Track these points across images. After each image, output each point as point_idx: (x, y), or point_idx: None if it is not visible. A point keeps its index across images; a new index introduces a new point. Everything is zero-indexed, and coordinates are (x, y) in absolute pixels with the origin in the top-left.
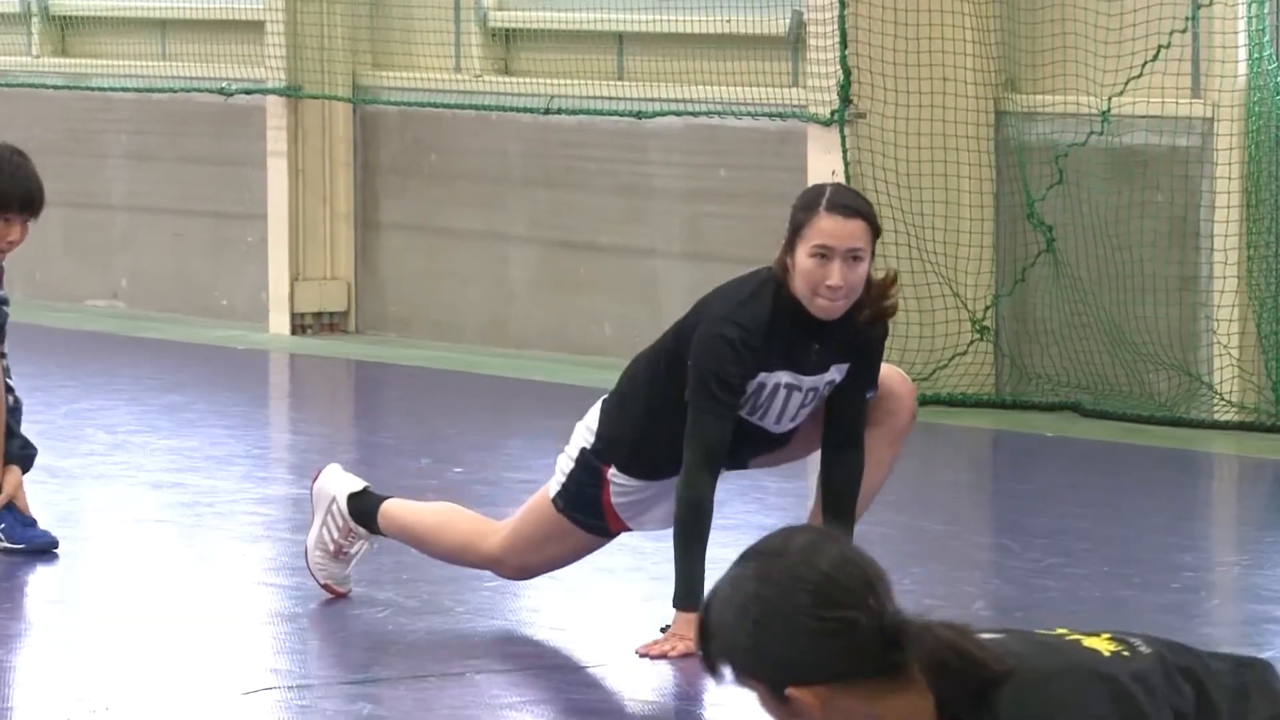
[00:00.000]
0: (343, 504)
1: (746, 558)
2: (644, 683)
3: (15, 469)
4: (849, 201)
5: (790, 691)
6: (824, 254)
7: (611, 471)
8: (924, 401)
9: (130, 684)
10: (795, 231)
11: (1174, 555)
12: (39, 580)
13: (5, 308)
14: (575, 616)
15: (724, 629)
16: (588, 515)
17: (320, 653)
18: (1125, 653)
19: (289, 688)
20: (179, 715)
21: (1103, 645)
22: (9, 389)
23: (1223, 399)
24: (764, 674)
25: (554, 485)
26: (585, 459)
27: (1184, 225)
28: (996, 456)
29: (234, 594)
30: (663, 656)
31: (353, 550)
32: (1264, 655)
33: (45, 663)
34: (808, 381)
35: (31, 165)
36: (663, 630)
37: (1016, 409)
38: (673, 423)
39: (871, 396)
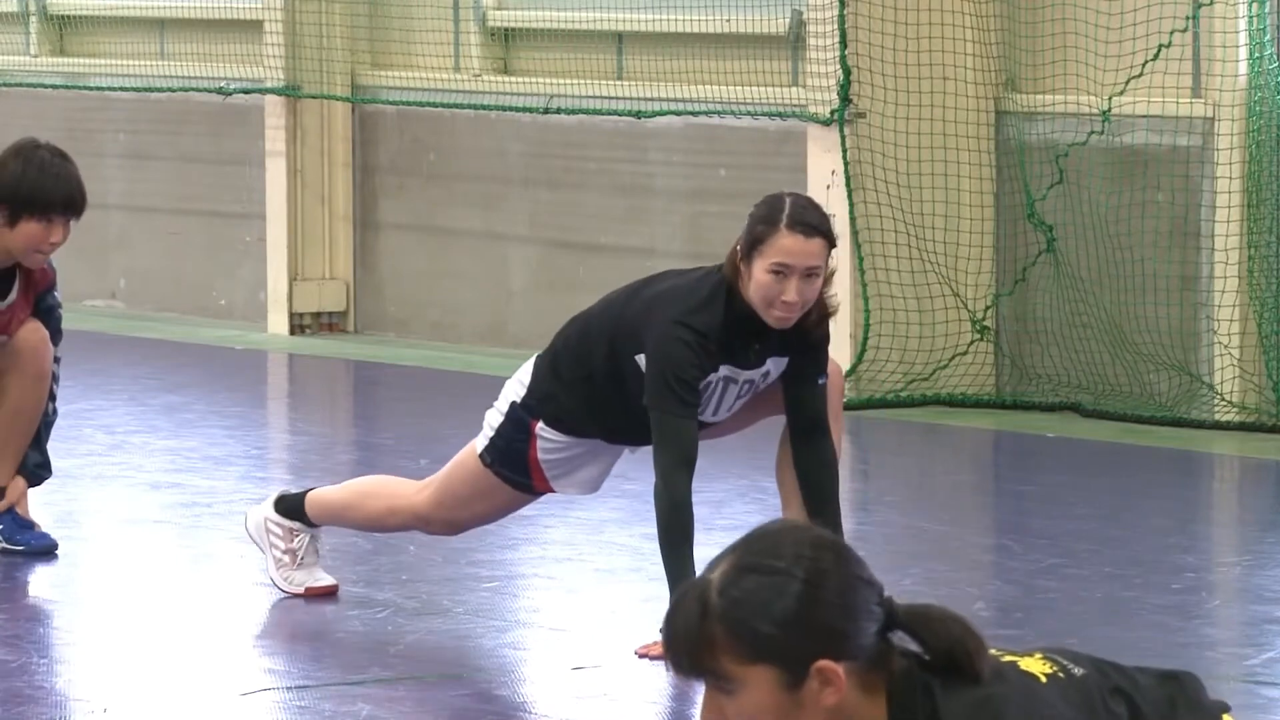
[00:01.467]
0: (272, 514)
1: (735, 549)
2: (644, 683)
3: (21, 480)
4: (810, 220)
5: (823, 664)
6: (782, 271)
7: (539, 426)
8: (924, 401)
9: (129, 684)
10: (754, 244)
11: (1175, 556)
12: (38, 581)
13: (59, 310)
14: (575, 616)
15: (748, 604)
16: (514, 471)
17: (319, 653)
18: (1060, 675)
19: (287, 688)
20: (178, 716)
21: (1038, 667)
22: (53, 396)
23: (1223, 399)
24: (794, 650)
25: (481, 440)
26: (514, 413)
27: (1185, 225)
28: (997, 457)
29: (233, 595)
30: (662, 657)
31: (297, 546)
32: (1265, 655)
33: (44, 663)
34: (744, 375)
35: (73, 166)
36: (662, 631)
37: (1017, 409)
38: (603, 390)
39: (823, 383)
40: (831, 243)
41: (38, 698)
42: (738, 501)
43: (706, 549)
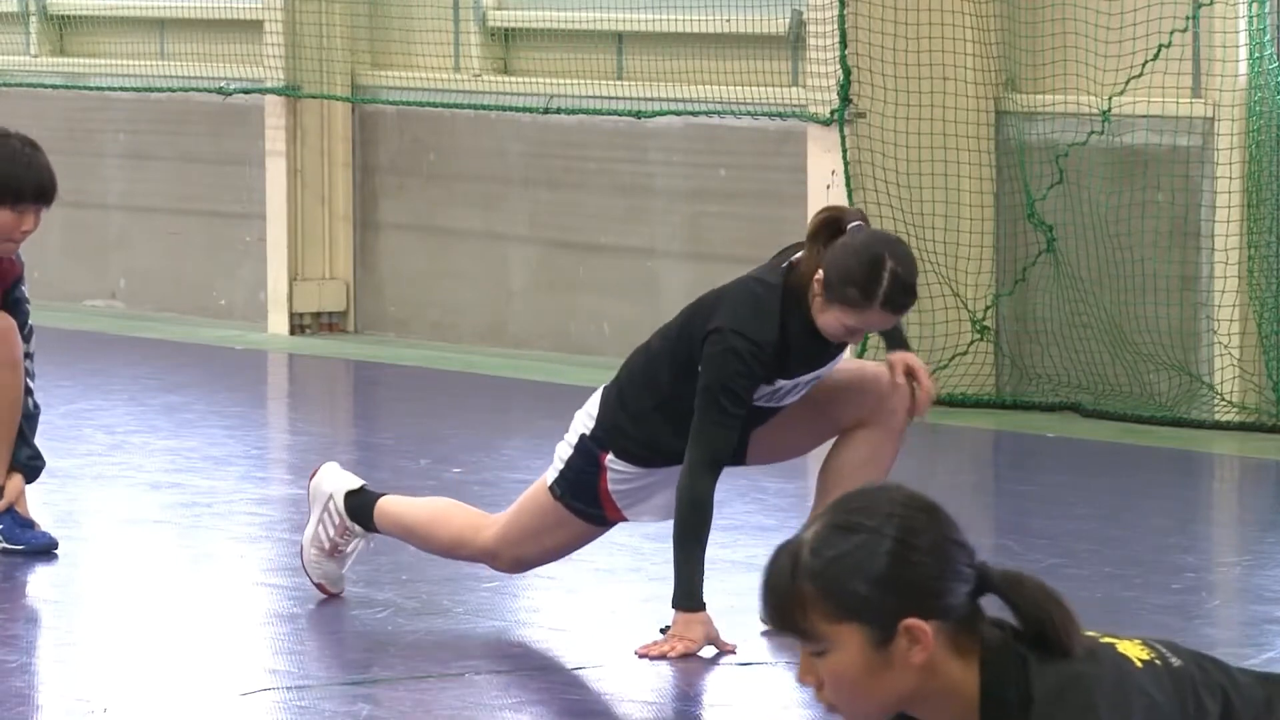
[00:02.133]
0: (339, 502)
1: (833, 508)
2: (644, 683)
3: (18, 476)
4: (903, 301)
5: (912, 623)
6: (858, 331)
7: (609, 458)
8: None
9: (129, 684)
10: (842, 293)
11: (1175, 556)
12: (38, 580)
13: (27, 304)
14: (575, 617)
15: (843, 563)
16: (585, 503)
17: (319, 653)
18: (1157, 662)
19: (288, 688)
20: (178, 716)
21: (1135, 652)
22: (29, 390)
23: (1224, 399)
24: (887, 607)
25: (551, 473)
26: (584, 445)
27: (1185, 225)
28: (997, 457)
29: (233, 594)
30: (662, 657)
31: (348, 549)
32: (1265, 655)
33: (45, 663)
34: (824, 371)
35: (44, 155)
36: (662, 631)
37: (1017, 409)
38: (672, 418)
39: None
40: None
41: (38, 698)
42: (738, 501)
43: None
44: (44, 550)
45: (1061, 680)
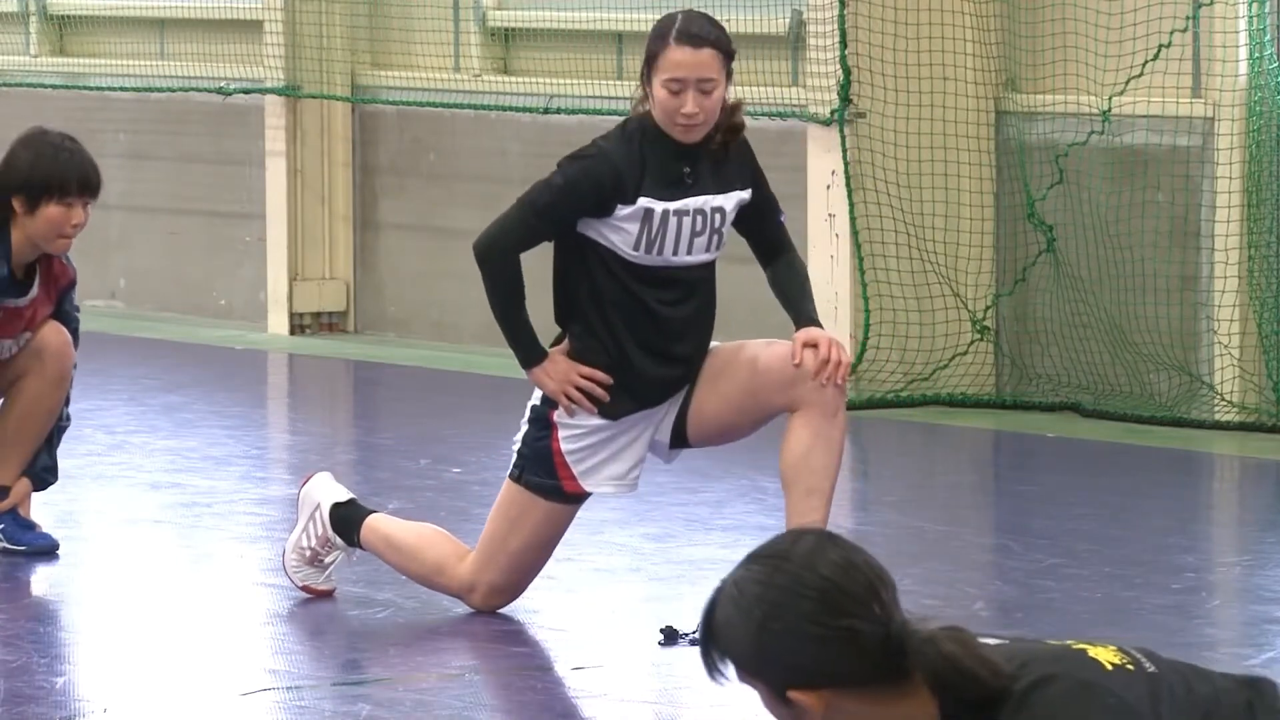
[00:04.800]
0: (325, 513)
1: (752, 559)
2: (644, 683)
3: (27, 481)
4: (698, 31)
5: (793, 695)
6: (678, 86)
7: (557, 414)
8: (924, 401)
9: (129, 684)
10: (649, 63)
11: (1175, 556)
12: (38, 581)
13: (77, 315)
14: (575, 616)
15: (729, 629)
16: (541, 474)
17: (319, 653)
18: (1130, 666)
19: (287, 688)
20: (178, 716)
21: (1106, 656)
22: (67, 400)
23: (1224, 399)
24: (767, 676)
25: (512, 461)
26: (534, 413)
27: (1185, 225)
28: (997, 457)
29: (232, 595)
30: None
31: (328, 559)
32: (1265, 655)
33: (45, 663)
34: (693, 204)
35: (84, 148)
36: (663, 631)
37: (1017, 409)
38: (596, 299)
39: (780, 220)
40: (724, 52)
41: (38, 698)
42: (738, 501)
43: (706, 549)
44: (45, 551)
45: (1024, 687)
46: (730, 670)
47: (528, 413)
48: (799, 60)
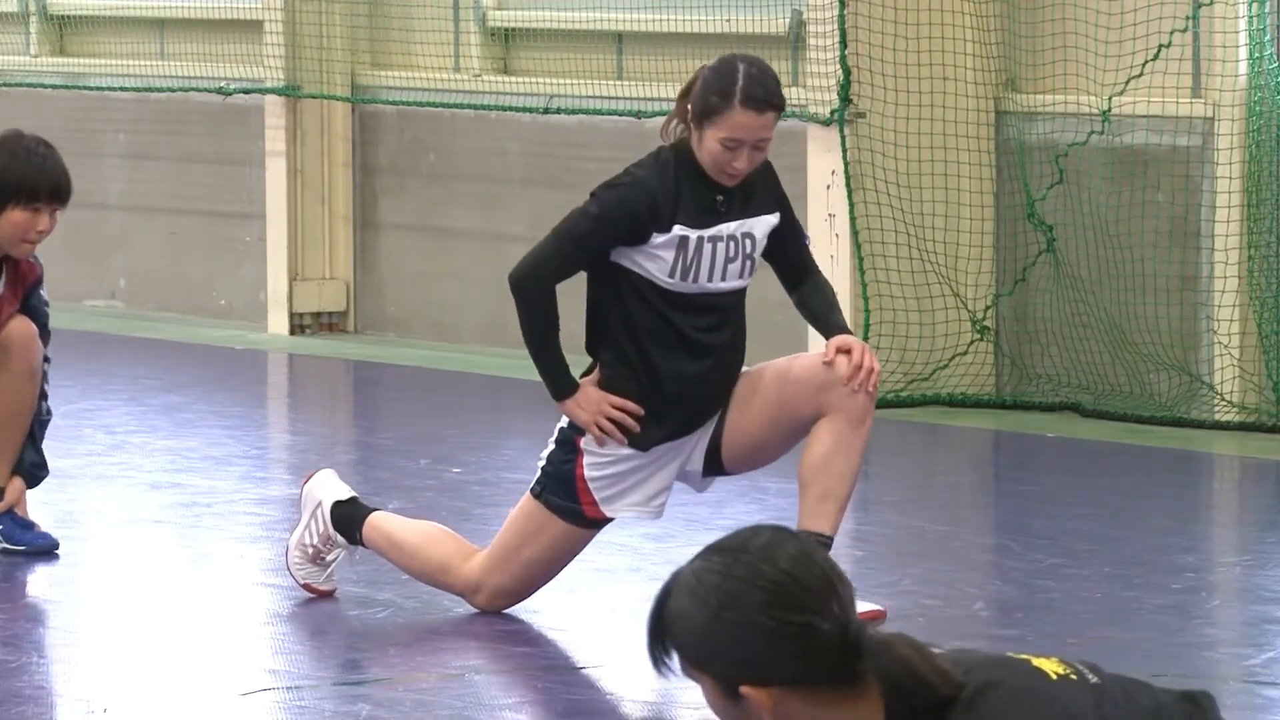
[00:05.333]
0: (327, 510)
1: (710, 551)
2: (644, 683)
3: (20, 480)
4: (764, 95)
5: (744, 690)
6: (734, 144)
7: (585, 440)
8: (924, 402)
9: (129, 684)
10: (707, 115)
11: (1175, 556)
12: (38, 580)
13: (46, 309)
14: (575, 616)
15: (681, 619)
16: (563, 497)
17: (319, 653)
18: (1073, 677)
19: (287, 688)
20: (178, 716)
21: (1050, 666)
22: (44, 395)
23: (1224, 399)
24: (717, 669)
25: (535, 478)
26: (562, 435)
27: (1184, 225)
28: (997, 457)
29: (232, 594)
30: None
31: (329, 557)
32: (1265, 655)
33: (45, 663)
34: (726, 230)
35: (58, 155)
36: None
37: (1017, 409)
38: (629, 325)
39: (806, 242)
40: (782, 109)
41: (38, 698)
42: (738, 501)
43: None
44: (44, 551)
45: (969, 694)
46: (675, 663)
47: (555, 434)
48: (799, 60)
